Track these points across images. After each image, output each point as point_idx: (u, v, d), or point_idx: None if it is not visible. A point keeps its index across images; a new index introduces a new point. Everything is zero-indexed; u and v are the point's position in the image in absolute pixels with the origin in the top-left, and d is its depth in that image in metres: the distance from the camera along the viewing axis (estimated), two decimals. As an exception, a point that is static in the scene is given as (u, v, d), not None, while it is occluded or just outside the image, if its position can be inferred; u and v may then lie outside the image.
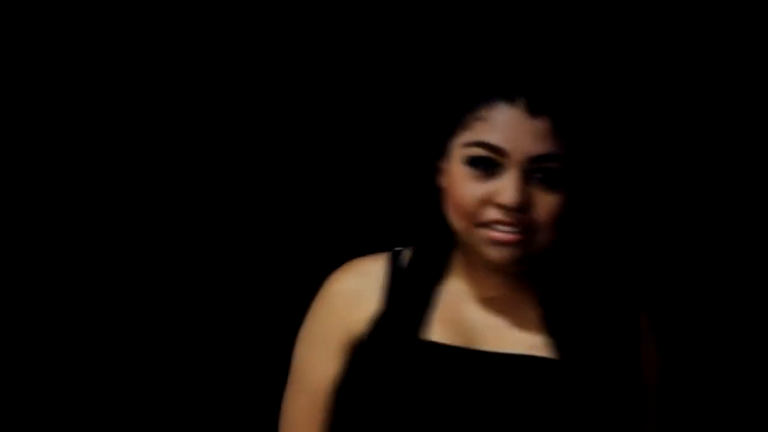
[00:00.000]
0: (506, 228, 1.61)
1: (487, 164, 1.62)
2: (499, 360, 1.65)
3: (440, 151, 1.69)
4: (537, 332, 1.69)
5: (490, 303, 1.71)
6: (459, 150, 1.65)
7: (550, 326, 1.69)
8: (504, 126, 1.61)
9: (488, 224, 1.62)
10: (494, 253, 1.62)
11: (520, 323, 1.70)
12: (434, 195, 1.72)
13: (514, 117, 1.61)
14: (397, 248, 1.79)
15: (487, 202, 1.62)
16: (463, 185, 1.63)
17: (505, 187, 1.60)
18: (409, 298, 1.70)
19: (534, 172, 1.61)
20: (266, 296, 2.41)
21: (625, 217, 2.35)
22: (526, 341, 1.68)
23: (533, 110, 1.61)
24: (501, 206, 1.60)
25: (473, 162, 1.62)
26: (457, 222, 1.66)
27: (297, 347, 1.78)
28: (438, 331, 1.68)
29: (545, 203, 1.62)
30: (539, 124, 1.61)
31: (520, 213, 1.60)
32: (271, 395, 1.85)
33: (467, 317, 1.70)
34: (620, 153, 2.32)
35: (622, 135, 2.32)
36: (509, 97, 1.62)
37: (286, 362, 1.79)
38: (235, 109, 2.39)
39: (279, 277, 2.40)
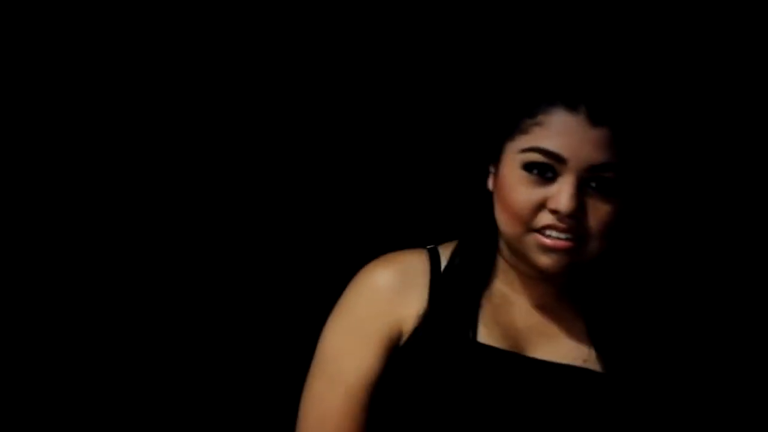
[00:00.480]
0: (558, 234, 1.61)
1: (544, 170, 1.62)
2: (550, 369, 1.65)
3: (495, 154, 1.68)
4: (583, 344, 1.69)
5: (535, 310, 1.72)
6: (515, 155, 1.64)
7: (593, 339, 1.70)
8: (563, 133, 1.61)
9: (540, 230, 1.62)
10: (544, 260, 1.62)
11: (566, 333, 1.70)
12: (481, 197, 1.72)
13: (574, 124, 1.61)
14: (429, 246, 1.77)
15: (541, 207, 1.62)
16: (518, 189, 1.63)
17: (561, 193, 1.60)
18: (456, 298, 1.69)
19: (589, 180, 1.61)
20: (295, 290, 2.36)
21: (673, 230, 2.31)
22: (572, 352, 1.68)
23: (594, 119, 1.61)
24: (555, 212, 1.61)
25: (530, 167, 1.62)
26: (508, 226, 1.65)
27: (328, 338, 1.73)
28: (486, 333, 1.67)
29: (598, 211, 1.62)
30: (599, 133, 1.61)
31: (573, 220, 1.60)
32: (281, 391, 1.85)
33: (513, 322, 1.70)
34: (675, 165, 2.29)
35: (678, 148, 2.29)
36: (571, 105, 1.62)
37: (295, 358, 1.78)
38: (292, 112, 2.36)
39: (307, 272, 2.35)
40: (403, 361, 1.66)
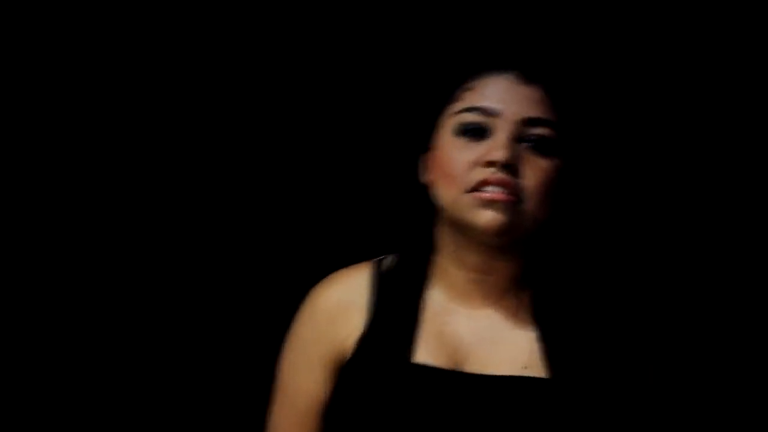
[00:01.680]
0: (495, 189, 1.58)
1: (477, 131, 1.62)
2: (487, 383, 1.60)
3: (430, 133, 1.67)
4: (526, 350, 1.65)
5: (476, 318, 1.67)
6: (449, 120, 1.64)
7: (544, 342, 1.64)
8: (495, 91, 1.63)
9: (477, 187, 1.59)
10: (483, 217, 1.59)
11: (508, 340, 1.66)
12: (415, 197, 1.71)
13: (506, 84, 1.63)
14: (380, 257, 1.76)
15: (476, 164, 1.60)
16: (452, 152, 1.62)
17: (496, 145, 1.60)
18: (393, 314, 1.67)
19: (525, 138, 1.61)
20: (249, 306, 2.36)
21: (628, 219, 2.27)
22: (514, 360, 1.63)
23: (526, 78, 1.62)
24: (491, 164, 1.59)
25: (464, 130, 1.63)
26: (445, 192, 1.63)
27: (282, 362, 1.74)
28: (424, 350, 1.63)
29: (536, 170, 1.60)
30: (531, 91, 1.63)
31: (509, 174, 1.58)
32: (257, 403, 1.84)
33: (453, 333, 1.66)
34: (616, 130, 2.23)
35: (617, 110, 2.23)
36: (501, 70, 1.64)
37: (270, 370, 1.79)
38: (223, 111, 2.36)
39: (261, 287, 2.34)
40: (342, 383, 1.64)
